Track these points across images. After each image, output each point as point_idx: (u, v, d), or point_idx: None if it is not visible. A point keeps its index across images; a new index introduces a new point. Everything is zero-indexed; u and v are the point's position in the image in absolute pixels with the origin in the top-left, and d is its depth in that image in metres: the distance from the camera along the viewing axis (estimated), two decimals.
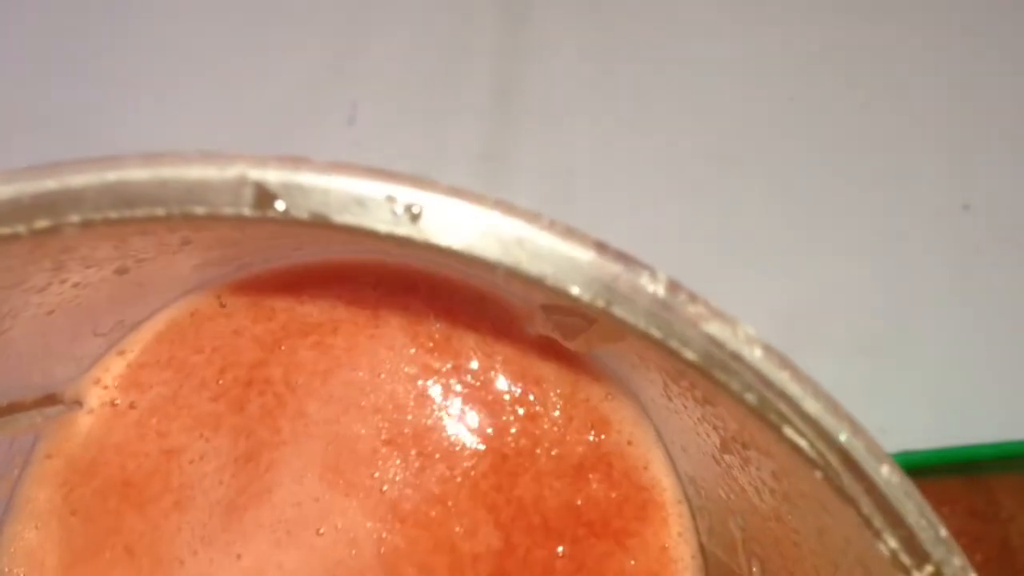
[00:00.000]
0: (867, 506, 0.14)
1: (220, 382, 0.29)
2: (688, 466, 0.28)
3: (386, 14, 0.47)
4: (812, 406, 0.14)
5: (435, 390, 0.29)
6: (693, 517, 0.29)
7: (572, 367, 0.30)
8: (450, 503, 0.28)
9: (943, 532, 0.14)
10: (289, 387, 0.29)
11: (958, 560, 0.14)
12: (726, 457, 0.23)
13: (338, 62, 0.47)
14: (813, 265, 0.47)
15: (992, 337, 0.46)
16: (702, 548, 0.29)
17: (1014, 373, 0.45)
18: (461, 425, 0.29)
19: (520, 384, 0.29)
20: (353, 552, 0.28)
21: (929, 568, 0.14)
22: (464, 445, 0.29)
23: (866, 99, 0.48)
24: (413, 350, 0.29)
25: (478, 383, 0.29)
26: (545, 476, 0.29)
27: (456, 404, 0.29)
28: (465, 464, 0.29)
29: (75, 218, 0.14)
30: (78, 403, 0.30)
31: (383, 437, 0.29)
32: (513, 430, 0.29)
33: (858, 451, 0.14)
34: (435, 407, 0.29)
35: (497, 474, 0.29)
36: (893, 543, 0.14)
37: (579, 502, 0.28)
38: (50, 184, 0.14)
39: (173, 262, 0.26)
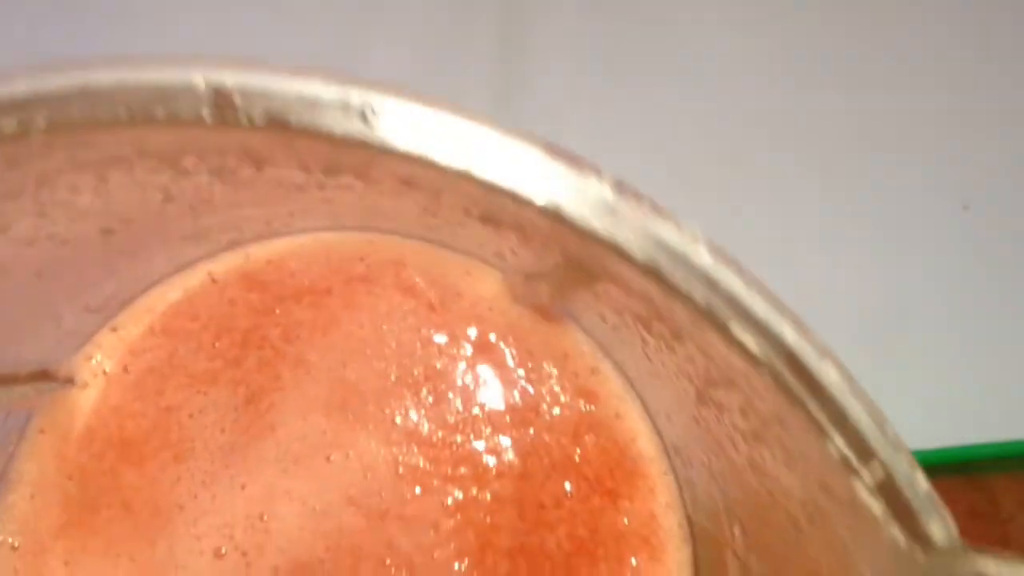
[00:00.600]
0: (813, 405, 0.14)
1: (216, 345, 0.30)
2: (673, 435, 0.28)
3: (386, 15, 0.48)
4: (758, 304, 0.14)
5: (441, 338, 0.30)
6: (679, 489, 0.29)
7: (560, 342, 0.30)
8: (469, 431, 0.29)
9: (890, 431, 0.14)
10: (288, 341, 0.30)
11: (905, 458, 0.14)
12: (702, 412, 0.23)
13: (339, 65, 0.47)
14: (813, 265, 0.47)
15: (992, 337, 0.46)
16: (688, 519, 0.29)
17: (1014, 373, 0.45)
18: (470, 373, 0.30)
19: (516, 352, 0.30)
20: (368, 475, 0.29)
21: (877, 466, 0.14)
22: (476, 386, 0.30)
23: (866, 99, 0.48)
24: (413, 303, 0.30)
25: (480, 342, 0.30)
26: (549, 429, 0.29)
27: (463, 352, 0.30)
28: (479, 400, 0.30)
29: (42, 120, 0.14)
30: (71, 381, 0.30)
31: (392, 379, 0.30)
32: (518, 387, 0.30)
33: (803, 349, 0.14)
34: (443, 353, 0.30)
35: (510, 415, 0.30)
36: (840, 441, 0.14)
37: (577, 458, 0.29)
38: (19, 87, 0.14)
39: (159, 226, 0.26)
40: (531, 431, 0.29)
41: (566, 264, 0.21)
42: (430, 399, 0.29)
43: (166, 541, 0.29)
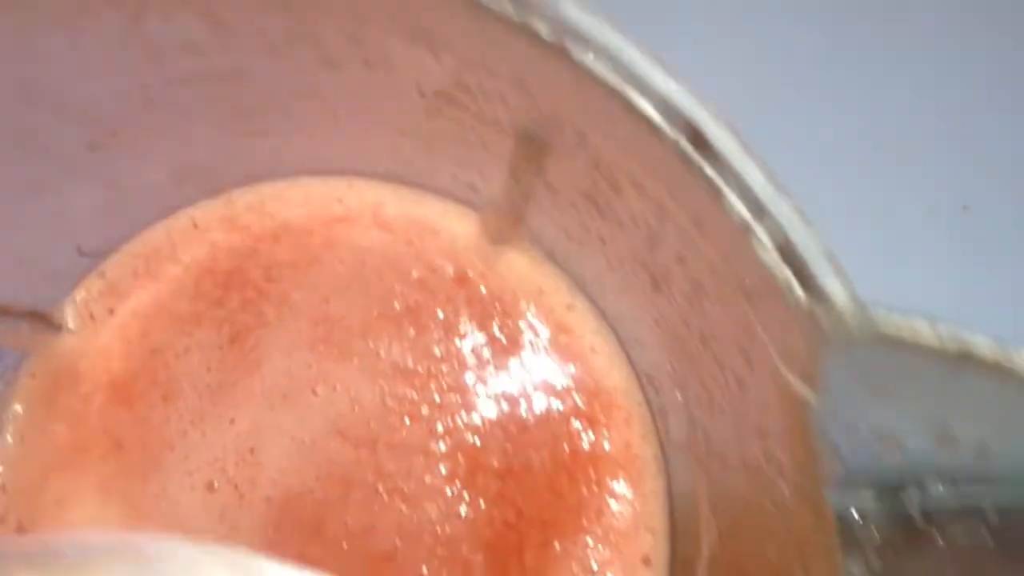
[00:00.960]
0: (711, 171, 0.14)
1: (199, 287, 0.31)
2: (645, 361, 0.29)
3: None
4: (658, 77, 0.15)
5: (420, 274, 0.31)
6: (654, 420, 0.29)
7: (535, 278, 0.31)
8: (455, 362, 0.30)
9: (785, 196, 0.14)
10: (270, 280, 0.31)
11: (800, 220, 0.14)
12: (659, 304, 0.23)
13: None
14: None
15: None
16: (663, 448, 0.29)
17: None
18: (450, 306, 0.30)
19: (494, 288, 0.31)
20: (355, 406, 0.29)
21: (774, 227, 0.14)
22: (457, 319, 0.30)
23: (866, 99, 0.49)
24: (391, 240, 0.31)
25: (458, 278, 0.31)
26: (531, 360, 0.30)
27: (443, 287, 0.31)
28: (460, 332, 0.30)
29: None
30: (61, 325, 0.31)
31: (375, 314, 0.30)
32: (496, 321, 0.30)
33: (700, 117, 0.15)
34: (423, 287, 0.31)
35: (492, 347, 0.30)
36: (735, 200, 0.14)
37: (559, 388, 0.30)
38: None
39: (142, 148, 0.27)
40: (511, 361, 0.30)
41: (518, 142, 0.22)
42: (412, 332, 0.30)
43: (158, 478, 0.29)
